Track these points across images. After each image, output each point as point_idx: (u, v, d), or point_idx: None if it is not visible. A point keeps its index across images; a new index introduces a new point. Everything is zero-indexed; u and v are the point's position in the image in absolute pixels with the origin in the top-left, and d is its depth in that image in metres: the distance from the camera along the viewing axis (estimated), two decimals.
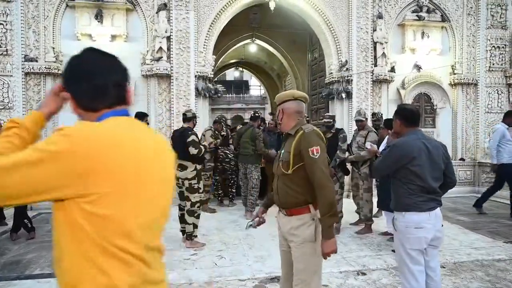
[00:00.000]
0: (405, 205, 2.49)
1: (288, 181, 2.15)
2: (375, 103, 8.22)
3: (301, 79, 11.88)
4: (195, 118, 4.87)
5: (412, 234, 2.45)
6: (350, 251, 4.39)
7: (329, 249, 2.05)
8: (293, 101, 2.26)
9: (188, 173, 4.48)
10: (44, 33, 6.92)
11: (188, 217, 4.50)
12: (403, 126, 2.63)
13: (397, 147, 2.54)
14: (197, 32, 7.40)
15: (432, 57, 8.57)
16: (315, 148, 2.06)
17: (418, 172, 2.46)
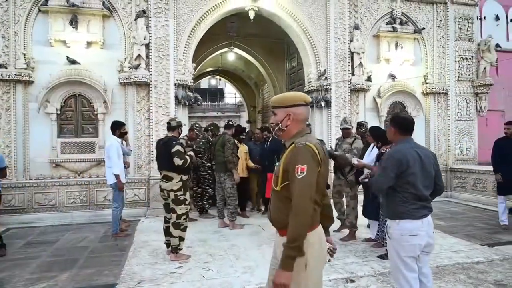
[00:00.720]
0: (399, 213, 2.53)
1: (278, 197, 1.90)
2: (353, 111, 8.42)
3: (279, 87, 11.97)
4: (180, 127, 4.71)
5: (406, 242, 2.49)
6: (336, 258, 4.40)
7: (279, 280, 1.71)
8: (304, 107, 1.96)
9: (174, 185, 4.32)
10: (15, 39, 6.60)
11: (173, 230, 4.32)
12: (397, 134, 2.68)
13: (393, 157, 2.57)
14: (177, 40, 7.31)
15: (406, 67, 8.91)
16: (301, 166, 1.76)
17: (412, 180, 2.51)
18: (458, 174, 8.76)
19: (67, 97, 6.92)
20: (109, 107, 6.99)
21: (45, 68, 6.76)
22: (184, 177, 4.39)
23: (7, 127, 6.56)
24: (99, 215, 6.72)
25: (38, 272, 4.04)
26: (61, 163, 6.86)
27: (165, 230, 4.54)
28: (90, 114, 7.05)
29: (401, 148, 2.59)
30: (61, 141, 6.89)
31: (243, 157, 6.72)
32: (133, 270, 4.08)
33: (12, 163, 6.52)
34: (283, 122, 1.94)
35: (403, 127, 2.66)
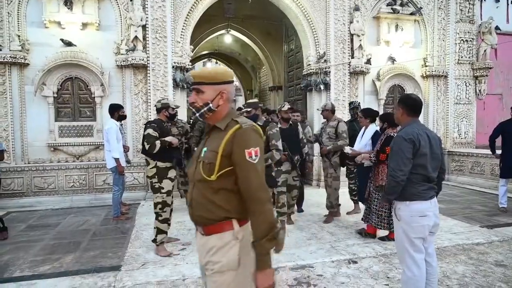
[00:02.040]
0: (410, 194, 2.53)
1: (209, 189, 1.60)
2: (352, 94, 8.37)
3: (277, 70, 11.87)
4: (166, 109, 4.27)
5: (417, 223, 2.49)
6: (338, 240, 4.47)
7: (265, 284, 1.55)
8: (231, 84, 1.72)
9: (148, 171, 4.05)
10: (8, 20, 6.42)
11: (154, 219, 4.05)
12: (405, 115, 2.64)
13: (405, 138, 2.50)
14: (174, 21, 7.15)
15: (406, 49, 8.83)
16: (253, 149, 1.55)
17: (422, 162, 2.51)
18: (456, 157, 8.82)
19: (64, 80, 6.80)
20: (107, 90, 6.89)
21: (40, 50, 6.61)
22: (160, 163, 3.98)
23: (4, 111, 6.45)
24: (99, 199, 6.72)
25: (42, 255, 4.05)
26: (59, 147, 6.79)
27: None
28: (88, 97, 6.95)
29: (411, 130, 2.56)
30: (58, 125, 6.80)
31: None
32: (136, 252, 4.11)
33: (10, 147, 6.45)
34: (214, 101, 1.64)
35: (412, 108, 2.61)
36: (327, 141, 5.37)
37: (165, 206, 4.00)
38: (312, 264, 3.73)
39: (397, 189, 2.53)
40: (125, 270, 3.61)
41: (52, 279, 3.42)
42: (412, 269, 2.54)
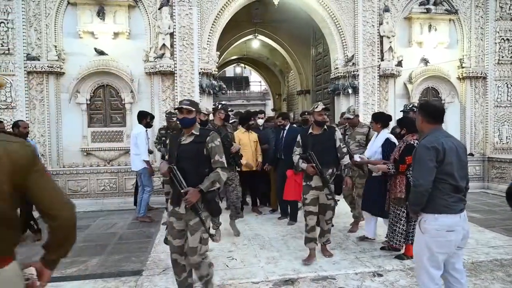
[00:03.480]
0: (439, 206, 2.36)
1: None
2: (382, 98, 8.10)
3: (305, 74, 11.74)
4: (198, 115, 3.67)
5: (443, 237, 2.34)
6: (363, 251, 4.29)
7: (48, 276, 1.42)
8: None
9: None
10: (46, 31, 6.80)
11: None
12: (425, 123, 2.48)
13: (428, 146, 2.36)
14: (201, 28, 7.26)
15: (440, 50, 8.43)
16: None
17: (449, 170, 2.36)
18: (496, 164, 8.27)
19: (96, 88, 7.10)
20: (136, 97, 7.10)
21: (75, 59, 6.94)
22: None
23: (41, 117, 6.82)
24: (128, 202, 6.91)
25: (70, 257, 4.19)
26: (92, 151, 7.08)
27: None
28: (118, 103, 7.20)
29: (434, 137, 2.41)
30: (91, 130, 7.10)
31: (253, 147, 5.86)
32: (159, 257, 4.16)
33: (46, 151, 6.80)
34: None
35: (433, 115, 2.46)
36: (356, 149, 4.95)
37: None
38: (334, 276, 3.60)
39: (422, 200, 2.38)
40: (146, 275, 3.66)
41: (77, 282, 3.54)
42: (428, 286, 2.39)
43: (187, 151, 2.77)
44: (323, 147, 3.86)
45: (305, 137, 4.00)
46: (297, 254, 4.17)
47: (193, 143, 2.80)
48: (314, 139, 3.91)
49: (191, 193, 2.63)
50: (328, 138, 3.93)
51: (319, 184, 3.87)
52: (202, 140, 2.79)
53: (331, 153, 3.91)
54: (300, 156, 3.98)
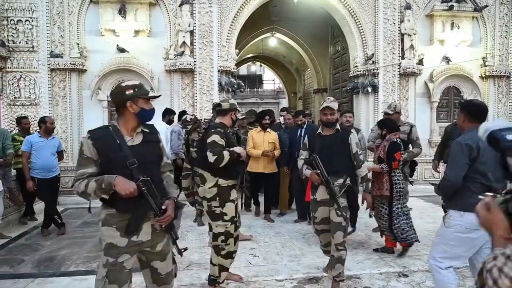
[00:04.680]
0: (467, 204, 2.33)
1: None
2: (402, 97, 7.98)
3: (322, 72, 11.66)
4: (234, 112, 3.22)
5: (465, 234, 2.35)
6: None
7: None
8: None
9: (206, 191, 3.08)
10: (69, 29, 6.91)
11: (213, 255, 3.15)
12: (467, 122, 2.49)
13: (462, 143, 2.38)
14: (220, 26, 7.28)
15: (462, 48, 8.26)
16: None
17: (483, 170, 2.33)
18: None
19: (116, 85, 7.17)
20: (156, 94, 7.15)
21: (96, 56, 7.04)
22: (222, 181, 3.05)
23: (64, 114, 6.94)
24: None
25: (95, 251, 4.27)
26: None
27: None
28: None
29: (470, 135, 2.40)
30: None
31: (268, 148, 5.43)
32: None
33: (68, 147, 6.92)
34: None
35: (474, 114, 2.47)
36: None
37: (229, 237, 3.10)
38: (359, 275, 3.57)
39: (449, 193, 2.49)
40: None
41: None
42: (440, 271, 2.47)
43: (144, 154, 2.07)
44: (332, 152, 3.13)
45: (313, 139, 3.31)
46: (319, 253, 4.12)
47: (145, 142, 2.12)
48: (322, 141, 3.20)
49: (171, 207, 2.06)
50: (341, 142, 3.15)
51: (325, 197, 3.12)
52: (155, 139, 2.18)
53: (342, 160, 3.12)
54: (305, 161, 3.32)
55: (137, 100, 2.04)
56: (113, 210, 1.99)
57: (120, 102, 2.04)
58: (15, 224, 5.39)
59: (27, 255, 4.18)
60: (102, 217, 2.02)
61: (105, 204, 2.01)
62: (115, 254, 1.99)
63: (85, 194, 1.94)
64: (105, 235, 2.00)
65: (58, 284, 3.42)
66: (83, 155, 1.97)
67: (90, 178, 1.93)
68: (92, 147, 1.95)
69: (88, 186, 1.91)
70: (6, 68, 6.66)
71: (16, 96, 6.75)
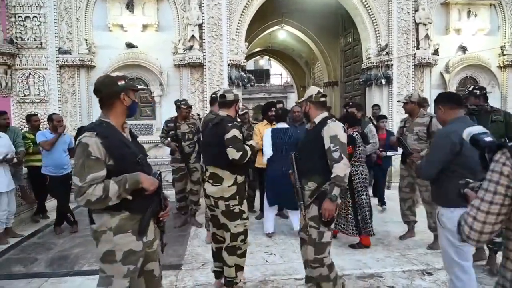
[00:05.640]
0: (454, 200, 2.19)
1: None
2: (417, 88, 7.76)
3: (333, 65, 11.43)
4: (237, 103, 3.03)
5: None
6: (408, 247, 4.09)
7: None
8: None
9: (225, 190, 2.86)
10: (77, 25, 6.83)
11: (227, 256, 2.94)
12: (447, 112, 2.47)
13: (443, 137, 2.39)
14: (229, 19, 7.13)
15: (479, 37, 8.00)
16: None
17: (468, 163, 2.24)
18: None
19: None
20: (165, 89, 7.06)
21: (105, 52, 6.95)
22: (240, 178, 2.92)
23: (73, 111, 6.88)
24: None
25: None
26: None
27: (214, 253, 3.15)
28: (148, 96, 7.18)
29: (454, 129, 2.31)
30: None
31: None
32: (196, 251, 4.10)
33: None
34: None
35: (450, 101, 2.49)
36: (415, 143, 4.04)
37: (247, 235, 3.02)
38: (380, 274, 3.43)
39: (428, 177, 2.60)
40: (185, 269, 3.60)
41: None
42: (461, 278, 2.35)
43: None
44: (305, 149, 2.72)
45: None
46: (337, 250, 4.01)
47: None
48: (304, 138, 2.90)
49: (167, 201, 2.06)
50: (314, 137, 2.64)
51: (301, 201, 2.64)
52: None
53: (315, 158, 2.59)
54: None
55: (128, 91, 1.94)
56: (126, 213, 1.85)
57: (112, 94, 1.89)
58: (28, 223, 5.35)
59: (40, 253, 4.12)
60: (113, 225, 1.83)
61: (114, 209, 1.81)
62: (134, 260, 1.88)
63: (104, 200, 1.74)
64: (121, 243, 1.84)
65: (72, 284, 3.35)
66: (91, 157, 1.74)
67: (107, 181, 1.76)
68: (102, 146, 1.76)
69: (110, 190, 1.74)
70: (15, 66, 6.61)
71: (25, 93, 6.70)
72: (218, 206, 2.90)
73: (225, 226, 2.96)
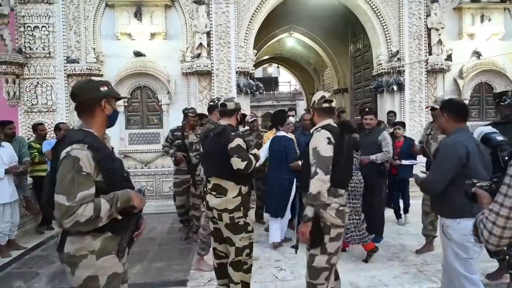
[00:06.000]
0: (460, 211, 2.22)
1: None
2: (430, 95, 7.55)
3: (342, 72, 11.28)
4: (238, 112, 2.92)
5: (470, 243, 2.20)
6: (425, 263, 3.87)
7: None
8: None
9: (229, 201, 2.72)
10: (85, 34, 6.82)
11: (233, 272, 2.77)
12: (451, 122, 2.36)
13: (449, 148, 2.26)
14: (238, 26, 7.05)
15: (494, 42, 7.78)
16: None
17: (475, 175, 2.09)
18: None
19: (133, 89, 7.04)
20: (173, 98, 6.98)
21: (112, 61, 6.92)
22: (244, 188, 2.79)
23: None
24: (165, 205, 6.77)
25: None
26: (129, 154, 7.03)
27: (216, 269, 2.98)
28: (155, 105, 7.11)
29: (459, 139, 2.26)
30: (128, 133, 7.05)
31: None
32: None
33: None
34: None
35: (457, 112, 2.35)
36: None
37: (252, 249, 2.85)
38: None
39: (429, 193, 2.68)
40: (191, 285, 3.45)
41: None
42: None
43: None
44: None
45: None
46: (350, 266, 3.82)
47: None
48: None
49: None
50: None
51: None
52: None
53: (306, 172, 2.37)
54: None
55: (111, 99, 1.80)
56: (108, 233, 1.68)
57: (93, 100, 1.73)
58: (32, 234, 5.26)
59: (42, 267, 4.01)
60: (96, 248, 1.64)
61: (97, 230, 1.62)
62: (117, 284, 1.73)
63: (94, 221, 1.56)
64: (105, 266, 1.67)
65: None
66: (81, 173, 1.56)
67: (97, 200, 1.59)
68: (92, 160, 1.60)
69: (101, 209, 1.57)
70: (23, 75, 6.62)
71: (33, 103, 6.68)
72: (222, 218, 2.75)
73: (229, 240, 2.79)
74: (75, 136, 1.67)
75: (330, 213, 2.31)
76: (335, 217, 2.31)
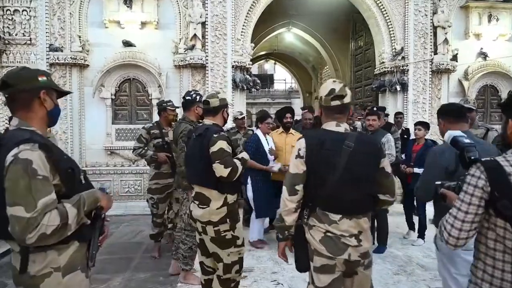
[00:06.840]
0: None
1: None
2: (434, 96, 7.25)
3: (342, 70, 10.94)
4: (225, 108, 2.57)
5: (459, 257, 2.09)
6: (435, 278, 3.50)
7: None
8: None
9: (212, 213, 2.38)
10: (70, 21, 6.34)
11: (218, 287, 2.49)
12: (446, 125, 2.26)
13: (435, 156, 2.21)
14: (235, 18, 6.64)
15: (501, 43, 7.50)
16: None
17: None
18: None
19: (122, 82, 6.60)
20: (164, 92, 6.54)
21: (100, 50, 6.46)
22: (230, 197, 2.43)
23: (63, 113, 6.35)
24: None
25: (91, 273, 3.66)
26: (116, 150, 6.59)
27: (204, 286, 2.63)
28: (145, 99, 6.68)
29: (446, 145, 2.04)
30: (115, 128, 6.61)
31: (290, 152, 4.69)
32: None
33: (69, 149, 6.35)
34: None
35: (448, 114, 2.30)
36: None
37: (242, 264, 2.55)
38: None
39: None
40: None
41: None
42: None
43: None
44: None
45: None
46: None
47: None
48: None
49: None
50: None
51: None
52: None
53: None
54: None
55: (51, 92, 1.52)
56: (75, 244, 1.44)
57: (30, 90, 1.44)
58: None
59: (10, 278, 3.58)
60: (62, 264, 1.40)
61: (61, 242, 1.37)
62: None
63: (62, 230, 1.31)
64: (73, 285, 1.43)
65: None
66: (37, 177, 1.29)
67: (60, 206, 1.33)
68: (46, 161, 1.34)
69: (69, 216, 1.32)
70: (1, 63, 6.12)
71: None
72: (207, 232, 2.42)
73: (215, 256, 2.45)
74: (18, 136, 1.34)
75: (314, 235, 1.83)
76: (318, 243, 1.81)
